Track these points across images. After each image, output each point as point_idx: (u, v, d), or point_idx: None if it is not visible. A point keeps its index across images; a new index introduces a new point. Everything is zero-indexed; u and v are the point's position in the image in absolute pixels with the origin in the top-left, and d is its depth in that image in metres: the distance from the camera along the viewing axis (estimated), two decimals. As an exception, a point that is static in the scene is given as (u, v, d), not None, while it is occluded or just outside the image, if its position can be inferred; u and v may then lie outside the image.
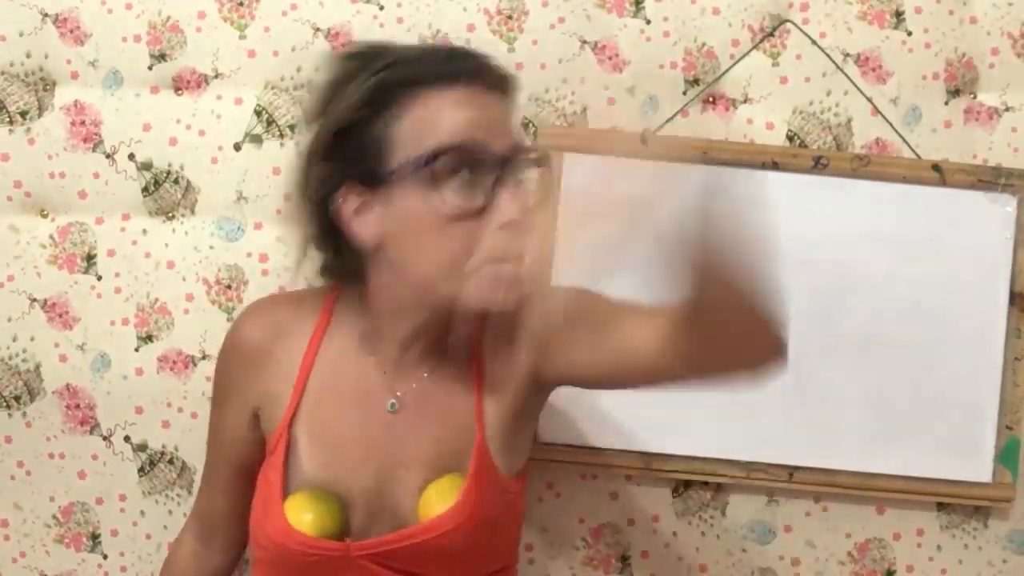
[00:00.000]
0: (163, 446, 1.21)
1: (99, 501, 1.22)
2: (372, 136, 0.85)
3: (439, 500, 0.90)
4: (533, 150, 0.91)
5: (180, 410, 1.20)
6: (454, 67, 0.86)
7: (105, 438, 1.21)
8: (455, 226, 0.84)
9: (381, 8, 1.16)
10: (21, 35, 1.17)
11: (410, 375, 0.95)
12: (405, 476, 0.94)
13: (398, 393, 0.95)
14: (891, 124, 1.16)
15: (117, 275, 1.19)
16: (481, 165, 0.84)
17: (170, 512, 1.22)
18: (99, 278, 1.19)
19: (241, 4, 1.16)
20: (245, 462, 1.00)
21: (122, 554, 1.24)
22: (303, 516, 0.90)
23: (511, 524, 0.97)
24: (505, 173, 0.84)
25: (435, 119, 0.84)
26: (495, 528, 0.93)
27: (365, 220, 0.88)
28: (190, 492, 1.22)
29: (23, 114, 1.18)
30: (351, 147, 0.87)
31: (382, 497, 0.94)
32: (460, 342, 0.93)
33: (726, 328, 0.78)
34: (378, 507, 0.94)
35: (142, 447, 1.21)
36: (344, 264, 0.92)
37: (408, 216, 0.85)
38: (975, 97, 1.17)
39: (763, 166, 1.15)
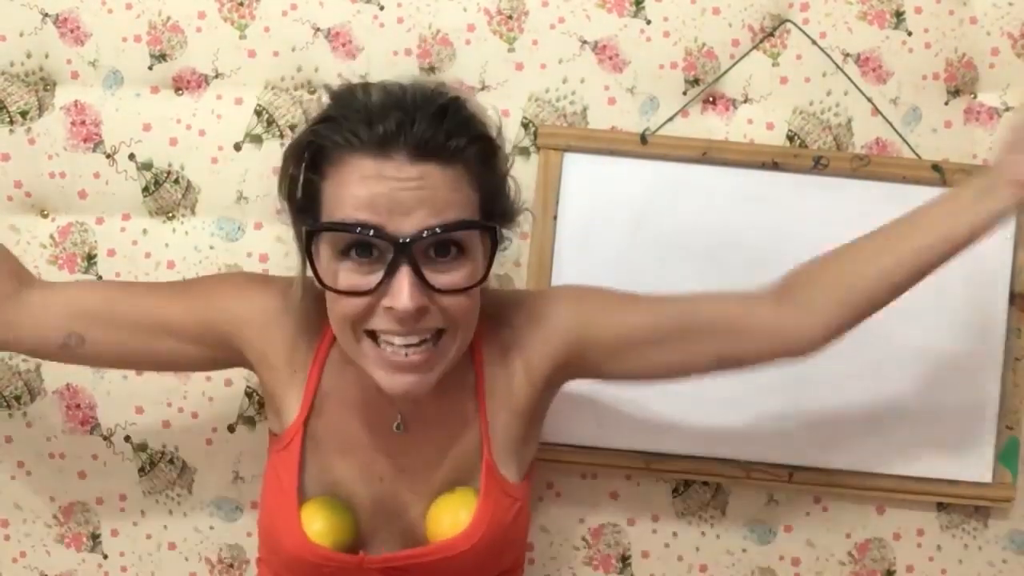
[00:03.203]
0: (163, 446, 1.21)
1: (99, 501, 1.22)
2: (310, 188, 0.84)
3: (449, 513, 0.91)
4: (462, 224, 0.81)
5: (180, 410, 1.20)
6: (374, 132, 0.79)
7: (105, 438, 1.21)
8: (350, 301, 0.82)
9: (381, 8, 1.16)
10: (21, 35, 1.17)
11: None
12: (411, 484, 0.94)
13: (401, 413, 0.94)
14: (891, 124, 1.16)
15: (117, 275, 1.19)
16: (373, 245, 0.80)
17: (170, 512, 1.22)
18: (99, 278, 1.19)
19: (241, 4, 1.16)
20: (142, 340, 0.94)
21: (122, 554, 1.24)
22: (313, 525, 0.90)
23: (521, 528, 0.97)
24: (403, 255, 0.78)
25: (341, 192, 0.80)
26: (506, 537, 0.94)
27: (316, 263, 0.85)
28: (190, 492, 1.22)
29: (23, 114, 1.18)
30: (299, 192, 0.85)
31: (388, 503, 0.95)
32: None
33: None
34: (383, 515, 0.95)
35: (142, 447, 1.21)
36: None
37: (320, 277, 0.83)
38: (975, 97, 1.17)
39: (763, 166, 1.15)
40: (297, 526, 0.90)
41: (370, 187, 0.79)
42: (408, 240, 0.78)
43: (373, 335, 0.84)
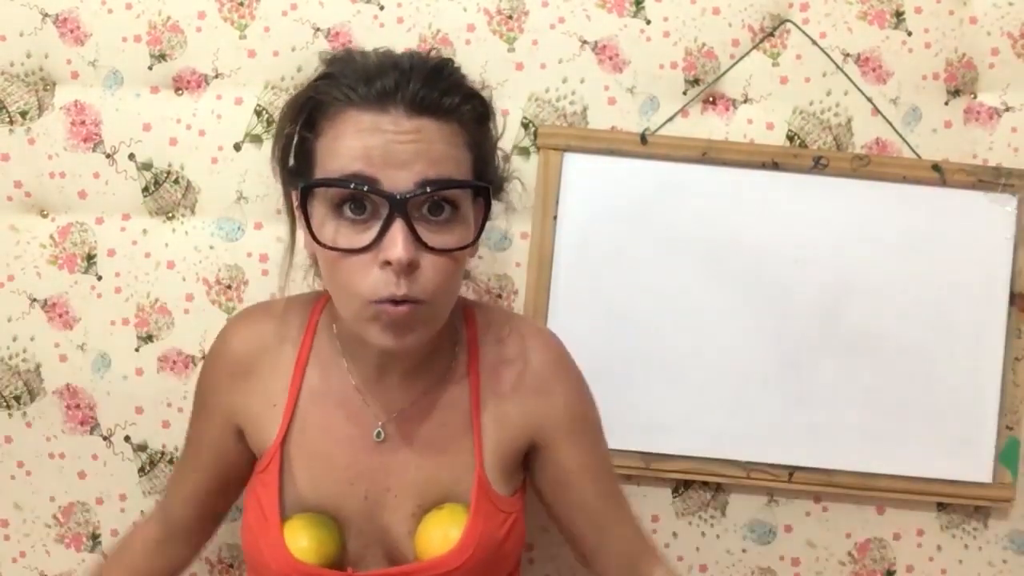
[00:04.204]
0: (163, 446, 1.21)
1: (99, 501, 1.22)
2: (304, 147, 0.84)
3: (439, 530, 0.89)
4: (457, 183, 0.81)
5: (180, 410, 1.20)
6: (372, 88, 0.80)
7: (105, 438, 1.21)
8: (347, 259, 0.81)
9: (381, 8, 1.16)
10: (21, 35, 1.17)
11: (394, 402, 0.92)
12: (396, 502, 0.92)
13: (382, 422, 0.92)
14: (891, 124, 1.16)
15: (117, 275, 1.19)
16: (368, 200, 0.80)
17: (170, 512, 1.22)
18: (99, 278, 1.19)
19: (241, 4, 1.16)
20: (223, 473, 0.99)
21: (122, 554, 1.24)
22: (298, 542, 0.88)
23: (514, 542, 0.95)
24: (398, 211, 0.78)
25: (337, 145, 0.80)
26: (499, 552, 0.92)
27: (304, 231, 0.86)
28: (190, 492, 1.22)
29: (23, 114, 1.18)
30: (294, 156, 0.86)
31: (373, 521, 0.93)
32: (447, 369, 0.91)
33: None
34: (369, 531, 0.93)
35: (142, 447, 1.21)
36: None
37: (315, 236, 0.82)
38: (975, 97, 1.17)
39: (763, 166, 1.15)
40: (281, 545, 0.88)
41: (366, 139, 0.79)
42: (404, 196, 0.78)
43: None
